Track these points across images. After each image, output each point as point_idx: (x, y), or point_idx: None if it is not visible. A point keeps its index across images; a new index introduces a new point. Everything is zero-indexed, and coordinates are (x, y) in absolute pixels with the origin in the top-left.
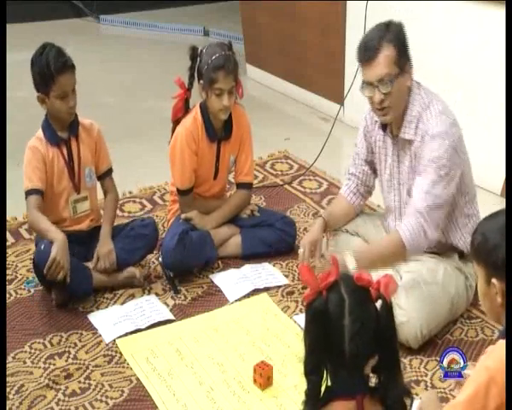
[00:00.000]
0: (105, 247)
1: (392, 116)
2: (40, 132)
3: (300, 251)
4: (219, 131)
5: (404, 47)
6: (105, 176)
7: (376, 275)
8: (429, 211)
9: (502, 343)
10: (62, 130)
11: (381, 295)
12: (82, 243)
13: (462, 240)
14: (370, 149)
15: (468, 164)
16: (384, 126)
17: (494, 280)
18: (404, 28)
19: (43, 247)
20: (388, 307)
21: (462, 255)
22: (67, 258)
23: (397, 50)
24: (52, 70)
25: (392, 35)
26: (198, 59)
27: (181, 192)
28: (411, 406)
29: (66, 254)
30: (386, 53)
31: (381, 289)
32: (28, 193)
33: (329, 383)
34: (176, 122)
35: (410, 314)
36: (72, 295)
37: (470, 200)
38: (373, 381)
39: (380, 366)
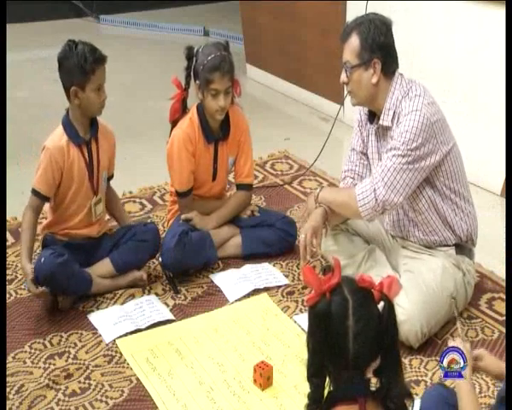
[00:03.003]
0: None
1: (355, 102)
2: (60, 131)
3: (302, 237)
4: (216, 131)
5: (369, 44)
6: (108, 181)
7: (379, 276)
8: (386, 172)
9: None
10: (84, 130)
11: (383, 296)
12: (87, 250)
13: (460, 228)
14: (365, 142)
15: (457, 151)
16: (371, 118)
17: None
18: (386, 29)
19: (43, 260)
20: (390, 307)
21: (459, 249)
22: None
23: (361, 44)
24: (91, 62)
25: (363, 28)
26: (194, 59)
27: (180, 194)
28: (413, 407)
29: (33, 286)
30: (352, 42)
31: (384, 289)
32: (32, 191)
33: (332, 389)
34: (174, 123)
35: (410, 313)
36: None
37: (460, 192)
38: (373, 382)
39: (381, 368)
